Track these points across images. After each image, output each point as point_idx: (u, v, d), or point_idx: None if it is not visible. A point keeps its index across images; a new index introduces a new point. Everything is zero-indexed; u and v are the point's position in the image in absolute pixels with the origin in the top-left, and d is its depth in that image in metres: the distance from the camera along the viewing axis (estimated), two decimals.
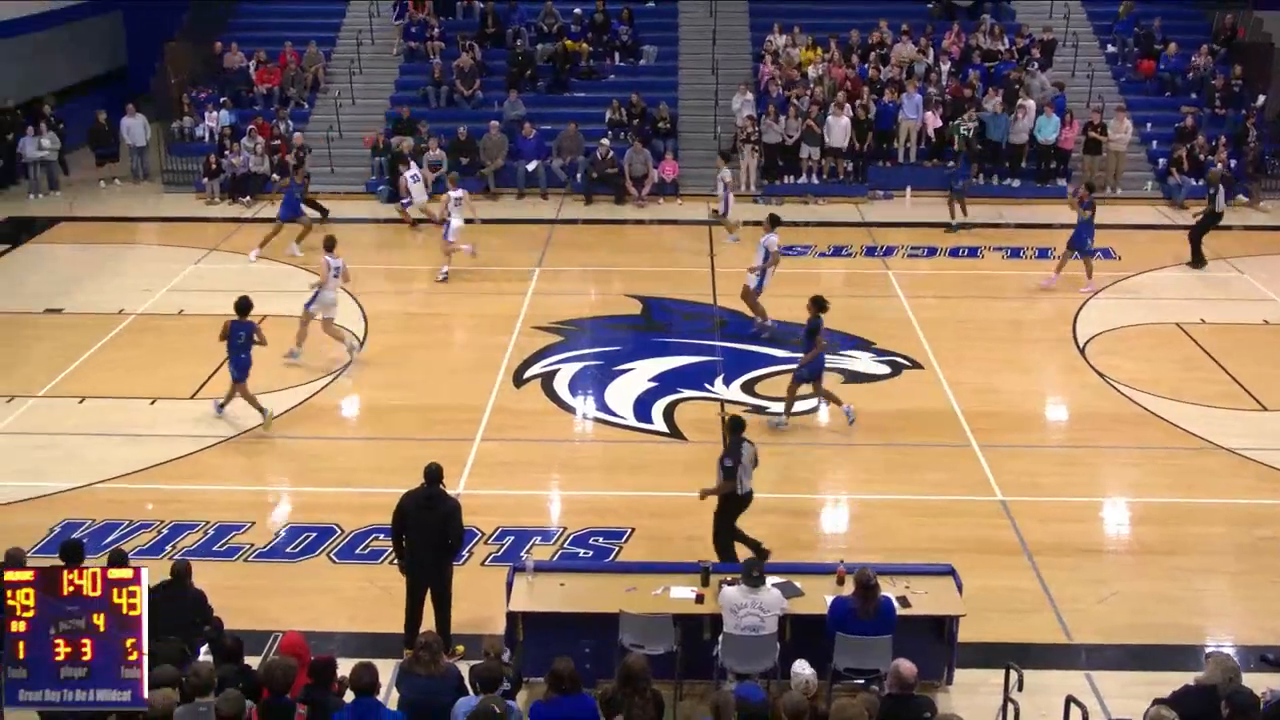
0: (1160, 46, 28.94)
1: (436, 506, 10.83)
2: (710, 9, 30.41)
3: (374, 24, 30.24)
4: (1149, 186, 26.57)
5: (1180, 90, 28.31)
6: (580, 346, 18.42)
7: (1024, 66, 27.86)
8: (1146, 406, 16.35)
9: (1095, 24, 30.30)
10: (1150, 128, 27.40)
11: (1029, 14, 30.29)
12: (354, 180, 26.79)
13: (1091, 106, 27.06)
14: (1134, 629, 11.70)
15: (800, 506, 14.07)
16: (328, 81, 29.01)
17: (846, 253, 22.98)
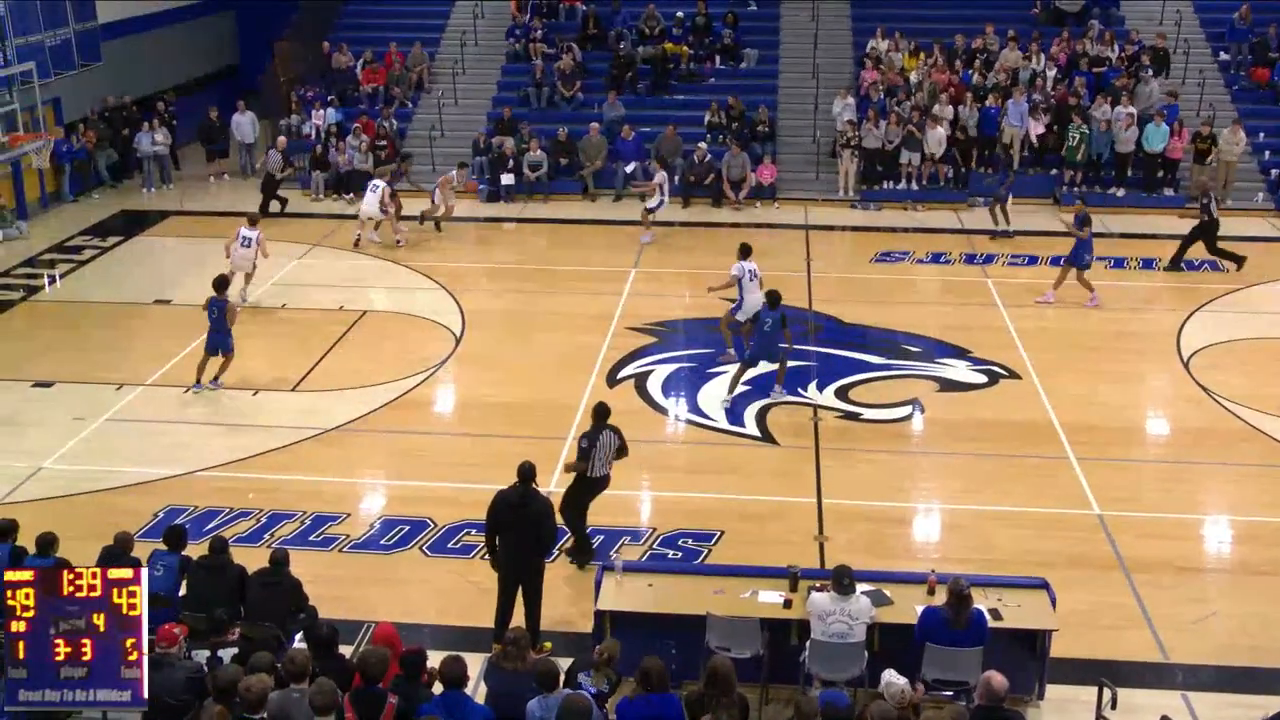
0: (1276, 54, 28.16)
1: (529, 505, 10.94)
2: (812, 12, 30.27)
3: (478, 25, 30.57)
4: (1260, 198, 25.87)
5: None
6: (674, 348, 18.44)
7: (1133, 74, 27.30)
8: (1252, 423, 15.93)
9: (1208, 30, 29.58)
10: (1263, 137, 26.68)
11: (1139, 20, 29.67)
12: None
13: (1201, 117, 26.42)
14: (1233, 650, 11.41)
15: (892, 515, 13.93)
16: (431, 82, 29.40)
17: (945, 260, 22.72)
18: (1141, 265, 22.09)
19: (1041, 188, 26.30)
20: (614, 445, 12.39)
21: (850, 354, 18.23)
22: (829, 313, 19.73)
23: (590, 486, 12.47)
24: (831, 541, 13.09)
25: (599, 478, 12.42)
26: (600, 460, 12.31)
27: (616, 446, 12.42)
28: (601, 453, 12.30)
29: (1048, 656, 10.32)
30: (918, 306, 20.38)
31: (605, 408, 12.61)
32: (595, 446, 12.25)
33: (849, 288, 20.84)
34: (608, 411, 12.56)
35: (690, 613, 10.28)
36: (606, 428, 12.39)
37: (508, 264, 22.79)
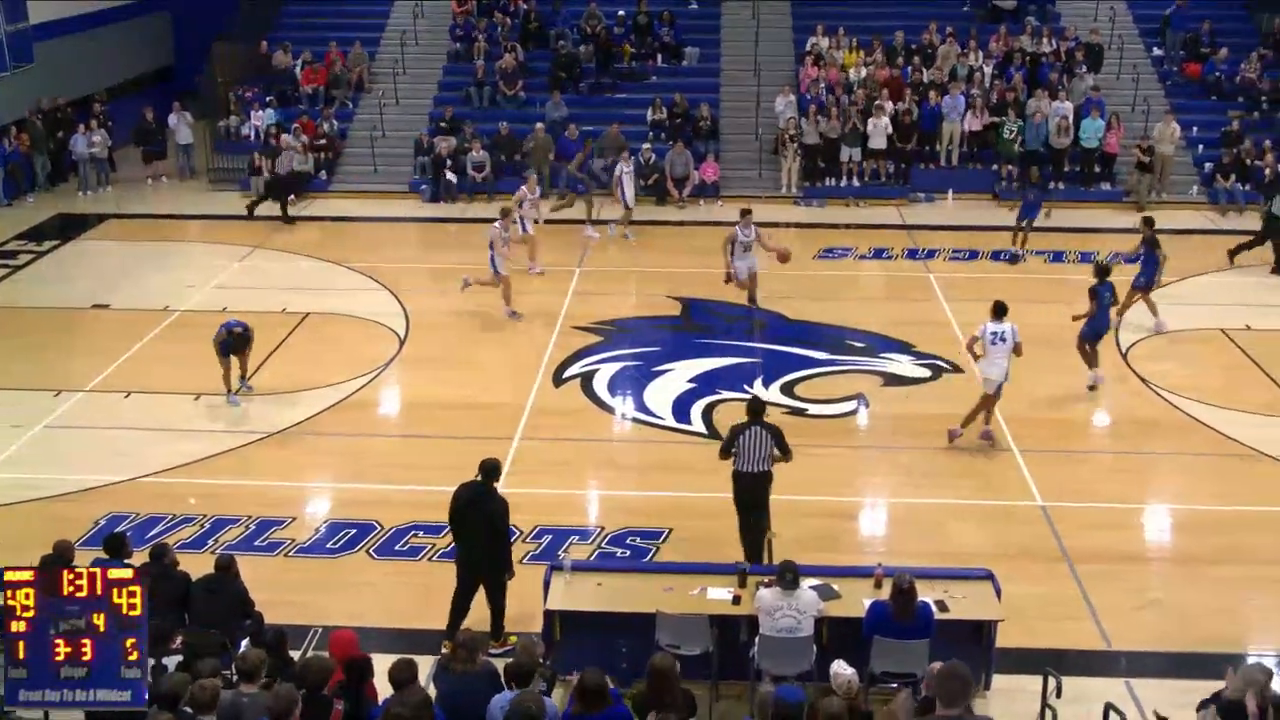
0: (1208, 50, 28.63)
1: (485, 503, 10.92)
2: (753, 10, 30.36)
3: (418, 25, 30.39)
4: (1194, 191, 26.27)
5: (1226, 94, 27.99)
6: (620, 347, 18.43)
7: (1068, 69, 27.63)
8: (1191, 413, 16.17)
9: (1141, 27, 30.01)
10: (1196, 132, 27.10)
11: (1074, 16, 30.04)
12: (398, 180, 26.92)
13: (1138, 110, 26.81)
14: (1175, 637, 11.58)
15: (839, 509, 14.01)
16: (372, 82, 29.19)
17: (887, 255, 22.88)
18: (1080, 259, 22.33)
19: (980, 182, 26.56)
20: (768, 443, 12.03)
21: (795, 350, 18.31)
22: (773, 309, 19.79)
23: (737, 481, 12.13)
24: (779, 537, 13.11)
25: (753, 473, 12.03)
26: (751, 456, 11.96)
27: (772, 445, 12.03)
28: (750, 449, 11.95)
29: (994, 647, 10.41)
30: (861, 302, 20.52)
31: (760, 404, 12.38)
32: (738, 439, 11.95)
33: (793, 284, 20.91)
34: (761, 408, 12.28)
35: (639, 611, 10.27)
36: (757, 424, 12.06)
37: (452, 264, 22.63)
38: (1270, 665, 9.52)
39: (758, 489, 12.10)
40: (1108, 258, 18.83)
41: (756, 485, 12.08)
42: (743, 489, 12.13)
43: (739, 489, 12.15)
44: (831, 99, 26.79)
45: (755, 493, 12.10)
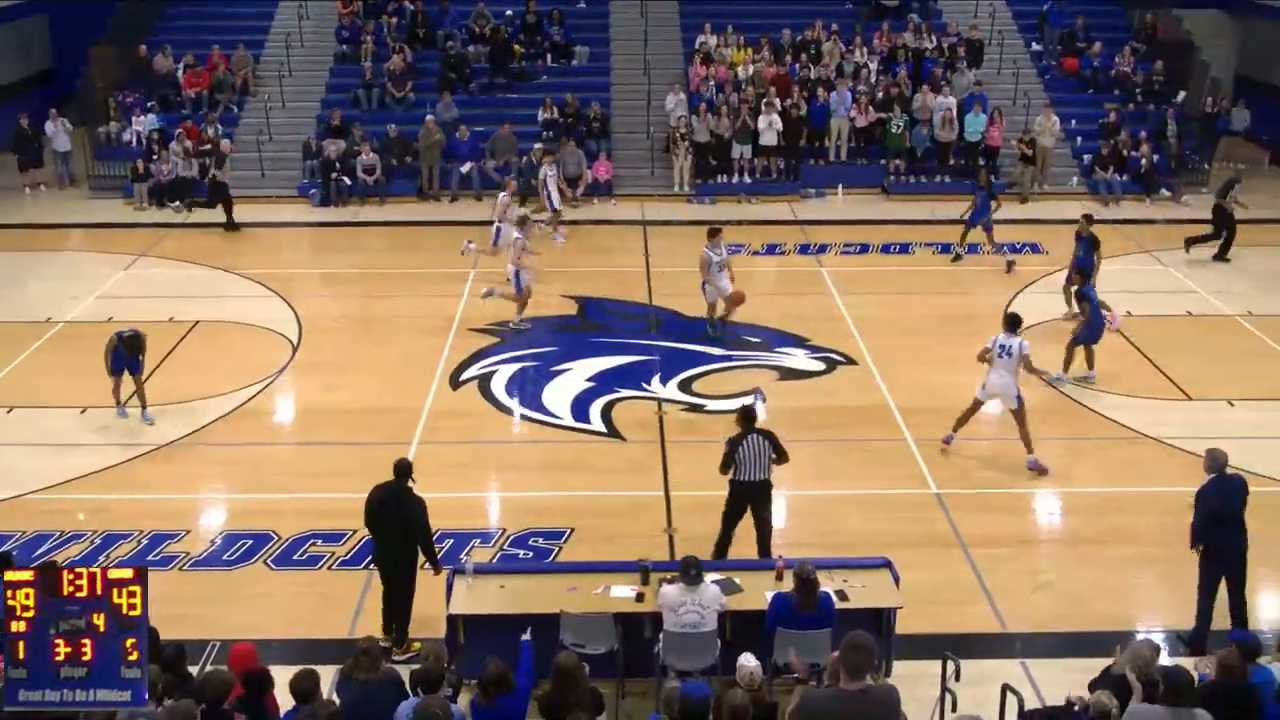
0: (1083, 45, 29.38)
1: (399, 504, 10.87)
2: (641, 9, 30.44)
3: (303, 27, 29.93)
4: (1074, 182, 26.96)
5: (1103, 87, 28.77)
6: (517, 347, 18.35)
7: (950, 64, 28.17)
8: (1076, 398, 16.57)
9: (1020, 23, 30.70)
10: (1075, 124, 27.80)
11: (955, 12, 30.61)
12: (285, 184, 26.51)
13: (1019, 104, 27.45)
14: (1067, 617, 11.86)
15: None
16: (257, 85, 28.68)
17: (780, 251, 23.10)
18: (967, 250, 22.75)
19: (869, 177, 26.96)
20: (767, 450, 12.00)
21: (692, 347, 18.40)
22: (669, 307, 19.87)
23: (742, 494, 12.10)
24: (681, 533, 13.19)
25: (753, 482, 12.02)
26: (752, 466, 11.95)
27: (771, 450, 12.05)
28: (750, 458, 11.95)
29: (893, 634, 10.55)
30: (755, 298, 20.59)
31: (751, 411, 12.33)
32: (738, 450, 11.91)
33: (688, 281, 20.95)
34: (754, 415, 12.29)
35: (544, 612, 10.23)
36: (754, 432, 12.04)
37: (344, 269, 22.37)
38: (1157, 641, 9.80)
39: (760, 495, 12.13)
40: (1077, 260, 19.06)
41: (758, 493, 12.11)
42: (744, 498, 12.13)
43: (738, 498, 12.15)
44: (721, 97, 26.98)
45: (758, 499, 12.15)
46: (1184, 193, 26.45)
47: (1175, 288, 20.93)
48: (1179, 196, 26.31)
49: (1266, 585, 12.37)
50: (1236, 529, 11.10)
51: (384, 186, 26.08)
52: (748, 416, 12.20)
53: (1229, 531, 11.08)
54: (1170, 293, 20.68)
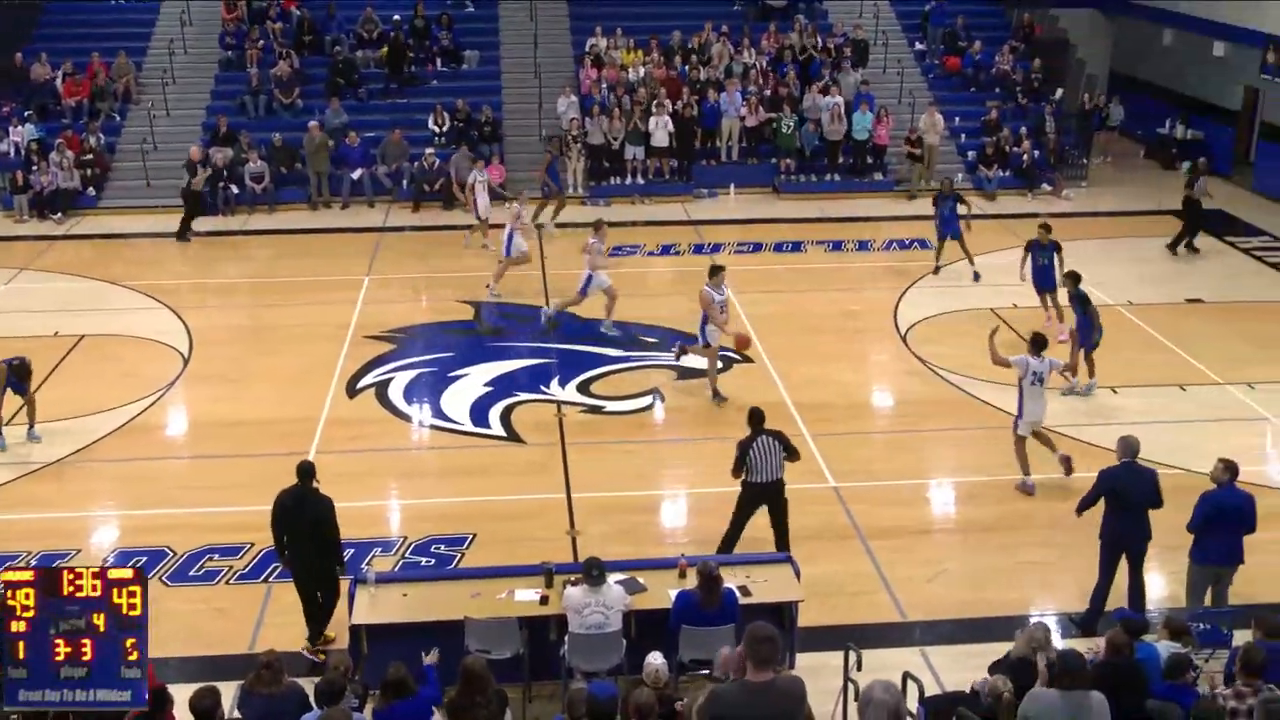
0: (965, 44, 29.98)
1: (305, 506, 10.77)
2: (530, 12, 30.35)
3: (186, 33, 29.30)
4: (959, 178, 27.46)
5: (984, 85, 29.38)
6: (414, 354, 18.19)
7: (836, 64, 28.55)
8: (967, 390, 16.89)
9: (904, 22, 31.23)
10: (959, 122, 28.36)
11: (840, 13, 31.02)
12: (171, 193, 25.88)
13: (904, 102, 27.94)
14: (964, 604, 12.10)
15: (641, 503, 14.14)
16: (140, 93, 28.03)
17: (675, 251, 23.21)
18: (858, 247, 23.09)
19: (760, 176, 27.21)
20: (778, 449, 12.06)
21: (589, 348, 18.40)
22: (566, 309, 19.84)
23: (756, 496, 12.15)
24: (584, 535, 13.19)
25: (767, 483, 12.08)
26: (765, 467, 12.02)
27: (782, 450, 12.09)
28: (762, 458, 12.01)
29: (796, 627, 10.67)
30: (652, 298, 20.74)
31: (760, 413, 12.36)
32: (749, 452, 11.98)
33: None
34: (763, 416, 12.33)
35: (448, 619, 10.16)
36: (764, 433, 12.11)
37: (234, 278, 21.98)
38: (1050, 624, 10.06)
39: (775, 497, 12.19)
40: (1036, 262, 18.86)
41: (773, 493, 12.17)
42: (757, 499, 12.18)
43: (752, 499, 12.19)
44: (613, 99, 27.03)
45: (773, 499, 12.21)
46: (1064, 186, 27.13)
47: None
48: (1059, 190, 26.98)
49: (1150, 565, 12.70)
50: (1139, 517, 11.36)
51: (273, 194, 25.67)
52: (757, 418, 12.29)
53: (1132, 519, 11.37)
54: None
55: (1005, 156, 27.04)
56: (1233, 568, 11.08)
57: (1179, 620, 9.96)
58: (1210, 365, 17.56)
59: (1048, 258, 18.49)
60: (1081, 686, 7.89)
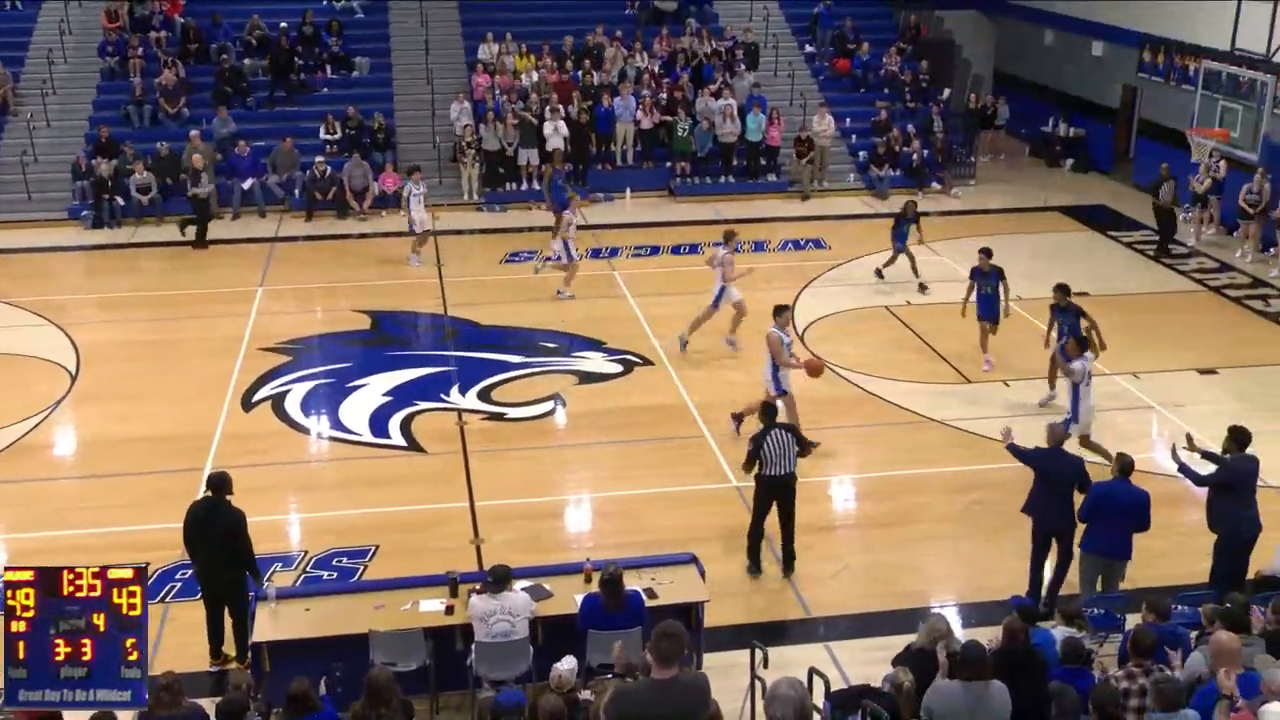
0: (853, 46, 30.43)
1: (216, 518, 10.62)
2: (421, 19, 30.11)
3: (66, 42, 28.58)
4: (852, 179, 27.89)
5: (873, 87, 29.86)
6: (310, 365, 17.95)
7: (728, 67, 28.79)
8: (864, 386, 17.14)
9: (794, 25, 31.59)
10: (849, 123, 28.76)
11: (731, 16, 31.28)
12: (54, 206, 25.26)
13: (795, 104, 28.29)
14: (866, 598, 12.28)
15: (545, 509, 14.12)
16: (18, 103, 27.26)
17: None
18: (754, 248, 23.29)
19: (655, 180, 27.33)
20: (791, 443, 12.26)
21: (489, 355, 18.32)
22: (465, 316, 19.76)
23: (769, 487, 12.33)
24: (488, 543, 13.13)
25: (780, 476, 12.24)
26: (779, 460, 12.16)
27: (795, 444, 12.29)
28: (775, 452, 12.15)
29: (702, 627, 10.74)
30: (551, 303, 20.71)
31: (772, 406, 12.71)
32: (762, 446, 12.13)
33: (482, 290, 20.94)
34: (775, 410, 12.64)
35: (352, 632, 10.05)
36: (777, 427, 12.27)
37: (123, 293, 21.47)
38: (950, 615, 10.25)
39: (788, 490, 12.38)
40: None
41: (786, 487, 12.36)
42: (773, 492, 12.37)
43: (767, 492, 12.39)
44: (507, 104, 26.94)
45: (786, 493, 12.40)
46: (953, 185, 27.67)
47: (949, 276, 21.81)
48: (949, 189, 27.50)
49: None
50: (1063, 504, 11.64)
51: (160, 206, 25.14)
52: (769, 412, 12.50)
53: (1056, 504, 11.64)
54: (946, 281, 21.53)
55: (895, 156, 27.50)
56: (1121, 561, 11.36)
57: (1073, 606, 10.23)
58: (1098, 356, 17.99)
59: (991, 286, 17.38)
60: (982, 677, 8.06)
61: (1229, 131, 22.19)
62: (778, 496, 12.43)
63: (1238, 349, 18.56)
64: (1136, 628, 9.15)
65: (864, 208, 26.50)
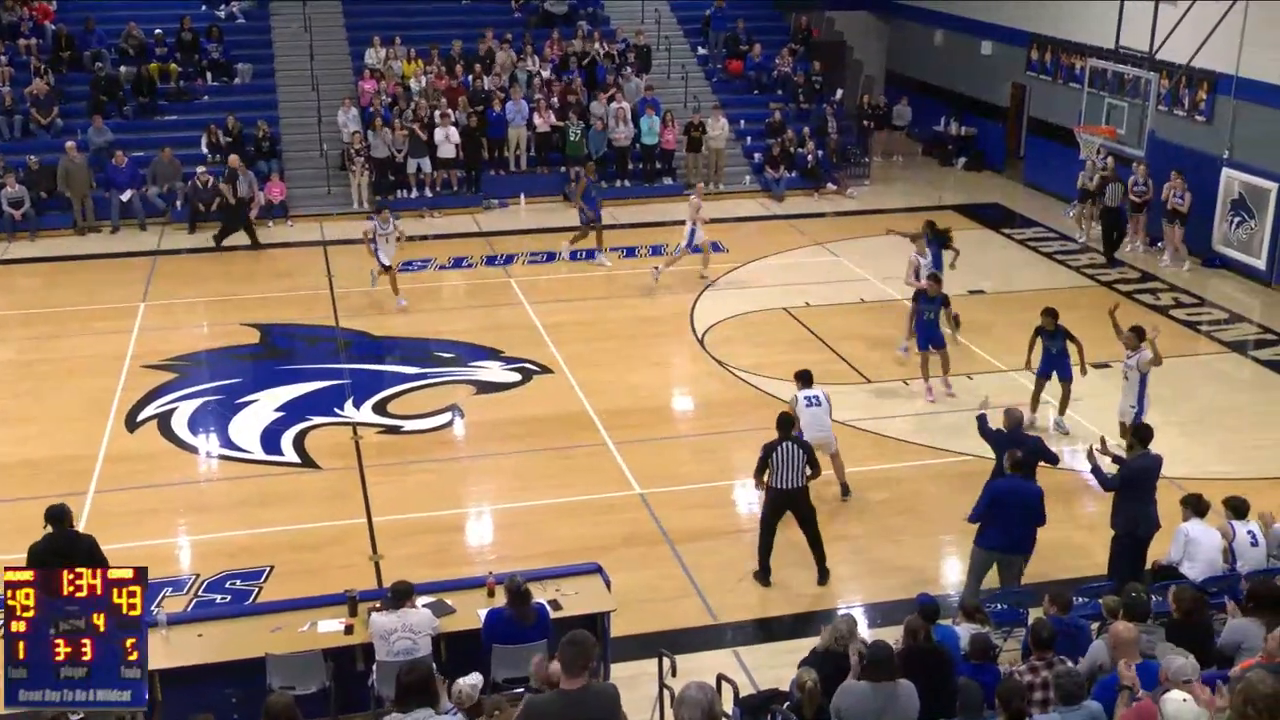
0: (745, 47, 30.73)
1: (68, 551, 10.30)
2: (305, 23, 29.74)
3: None
4: (748, 180, 28.14)
5: (767, 88, 30.18)
6: (198, 382, 17.62)
7: (620, 70, 28.88)
8: (763, 389, 17.29)
9: (685, 27, 31.81)
10: (744, 124, 29.03)
11: (622, 19, 31.40)
12: None
13: (689, 106, 28.48)
14: (772, 602, 12.38)
15: (446, 523, 14.02)
16: None
17: (467, 264, 23.07)
18: (651, 252, 23.39)
19: (550, 185, 27.30)
20: (802, 458, 12.21)
21: (384, 367, 18.17)
22: (357, 328, 19.56)
23: (778, 501, 12.34)
24: (388, 559, 13.00)
25: (788, 490, 12.25)
26: (786, 472, 12.18)
27: (805, 460, 12.23)
28: (785, 465, 12.16)
29: (609, 637, 10.74)
30: (446, 312, 20.61)
31: (787, 418, 12.71)
32: (772, 455, 12.18)
33: (375, 300, 20.72)
34: (790, 422, 12.65)
35: (247, 657, 9.88)
36: (788, 440, 12.28)
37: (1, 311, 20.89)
38: (855, 615, 10.39)
39: (798, 504, 12.38)
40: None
41: (795, 501, 12.35)
42: (781, 505, 12.37)
43: (775, 505, 12.39)
44: (395, 110, 26.72)
45: (798, 508, 12.41)
46: (849, 185, 28.07)
47: (848, 276, 22.16)
48: (844, 189, 27.89)
49: (949, 549, 13.27)
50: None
51: (35, 220, 24.48)
52: (784, 424, 12.54)
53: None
54: (844, 281, 21.88)
55: (791, 158, 27.81)
56: (1020, 555, 11.61)
57: (973, 601, 10.43)
58: (994, 354, 18.41)
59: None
60: (891, 677, 8.18)
61: (1115, 129, 22.79)
62: (785, 510, 12.49)
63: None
64: (1036, 620, 9.37)
65: (761, 209, 26.76)
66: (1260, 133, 21.62)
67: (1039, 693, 8.58)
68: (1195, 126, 23.16)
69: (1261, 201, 21.61)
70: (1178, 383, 17.17)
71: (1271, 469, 14.88)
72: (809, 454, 12.44)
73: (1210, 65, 21.99)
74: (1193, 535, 10.95)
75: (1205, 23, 20.96)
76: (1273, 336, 19.57)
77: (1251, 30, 21.27)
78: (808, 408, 13.92)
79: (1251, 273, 21.84)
